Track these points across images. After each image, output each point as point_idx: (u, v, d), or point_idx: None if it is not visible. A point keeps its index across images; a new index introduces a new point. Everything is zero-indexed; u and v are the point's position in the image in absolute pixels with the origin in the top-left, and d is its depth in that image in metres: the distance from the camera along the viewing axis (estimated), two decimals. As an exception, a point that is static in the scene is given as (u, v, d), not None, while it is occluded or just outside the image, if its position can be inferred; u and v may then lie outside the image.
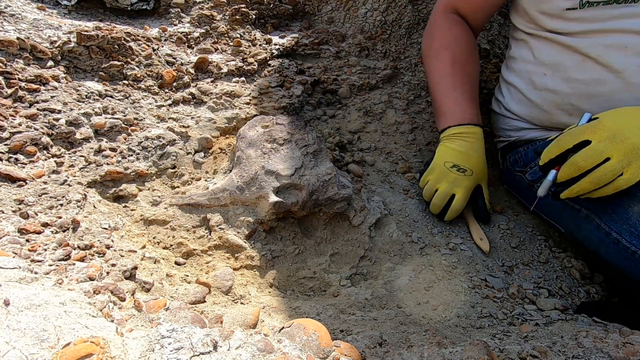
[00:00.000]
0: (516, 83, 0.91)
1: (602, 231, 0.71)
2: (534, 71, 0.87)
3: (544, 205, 0.88)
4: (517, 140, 0.95)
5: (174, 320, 0.51)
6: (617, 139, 0.64)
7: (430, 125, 1.08)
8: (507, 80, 0.95)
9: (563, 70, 0.81)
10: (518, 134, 0.95)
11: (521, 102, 0.91)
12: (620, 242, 0.67)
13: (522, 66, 0.90)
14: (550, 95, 0.83)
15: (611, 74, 0.75)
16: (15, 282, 0.46)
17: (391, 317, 0.67)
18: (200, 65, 1.00)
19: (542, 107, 0.86)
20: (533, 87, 0.87)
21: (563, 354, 0.50)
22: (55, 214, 0.64)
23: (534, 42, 0.87)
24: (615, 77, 0.75)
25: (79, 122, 0.78)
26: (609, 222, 0.70)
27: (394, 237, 0.82)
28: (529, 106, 0.89)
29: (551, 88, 0.83)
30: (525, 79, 0.89)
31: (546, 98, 0.85)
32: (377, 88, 1.14)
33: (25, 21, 0.87)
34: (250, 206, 0.78)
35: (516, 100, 0.92)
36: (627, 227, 0.67)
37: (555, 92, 0.83)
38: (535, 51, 0.87)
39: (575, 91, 0.80)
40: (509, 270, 0.81)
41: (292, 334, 0.47)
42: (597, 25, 0.76)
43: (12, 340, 0.37)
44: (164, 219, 0.76)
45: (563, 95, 0.82)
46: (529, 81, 0.88)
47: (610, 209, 0.70)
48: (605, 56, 0.75)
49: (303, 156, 0.82)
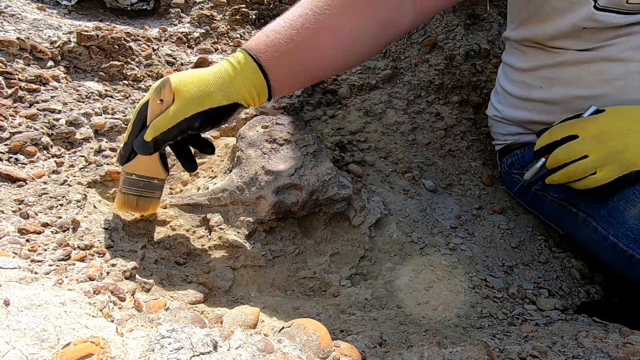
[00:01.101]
0: (511, 91, 0.91)
1: (600, 234, 0.72)
2: (530, 83, 0.85)
3: (542, 207, 0.89)
4: (513, 143, 0.96)
5: (174, 320, 0.51)
6: (600, 139, 0.66)
7: (430, 125, 1.08)
8: (502, 86, 0.94)
9: (560, 84, 0.80)
10: (514, 138, 0.95)
11: (517, 108, 0.90)
12: (618, 245, 0.68)
13: (518, 76, 0.89)
14: (547, 107, 0.83)
15: (611, 89, 0.73)
16: (15, 282, 0.46)
17: (391, 317, 0.67)
18: (201, 65, 1.00)
19: (537, 116, 0.86)
20: (529, 98, 0.86)
21: (563, 354, 0.50)
22: (55, 214, 0.64)
23: (531, 53, 0.85)
24: (615, 92, 0.72)
25: (79, 122, 0.78)
26: (605, 225, 0.70)
27: (394, 237, 0.82)
28: (524, 113, 0.89)
29: (547, 100, 0.83)
30: (520, 89, 0.88)
31: (543, 109, 0.84)
32: (377, 88, 1.14)
33: (25, 21, 0.87)
34: (250, 206, 0.78)
35: (512, 106, 0.92)
36: (624, 230, 0.67)
37: (551, 104, 0.82)
38: (532, 63, 0.84)
39: (573, 105, 0.78)
40: (509, 270, 0.81)
41: (292, 334, 0.47)
42: (599, 54, 0.73)
43: (12, 340, 0.37)
44: (163, 219, 0.76)
45: (559, 107, 0.81)
46: (524, 92, 0.87)
47: (607, 213, 0.70)
48: (605, 72, 0.72)
49: (303, 156, 0.82)
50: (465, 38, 1.19)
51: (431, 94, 1.15)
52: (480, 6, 1.23)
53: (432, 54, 1.18)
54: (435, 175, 0.99)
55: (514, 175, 0.94)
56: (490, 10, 1.26)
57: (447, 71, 1.16)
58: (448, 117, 1.10)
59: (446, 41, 1.18)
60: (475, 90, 1.15)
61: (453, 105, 1.12)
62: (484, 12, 1.26)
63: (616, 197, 0.68)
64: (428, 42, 1.17)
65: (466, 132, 1.09)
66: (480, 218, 0.92)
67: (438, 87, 1.15)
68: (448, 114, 1.10)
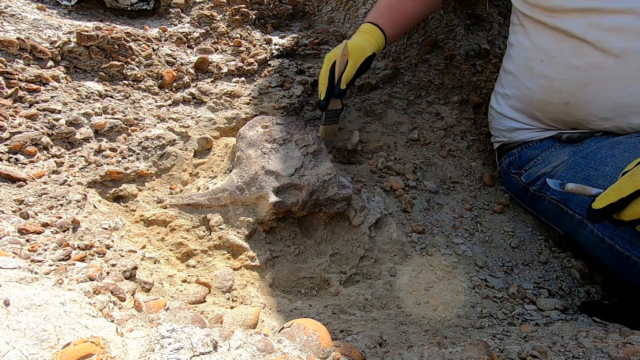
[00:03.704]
0: (513, 70, 0.91)
1: (596, 236, 0.72)
2: (531, 57, 0.86)
3: (542, 208, 0.89)
4: (510, 141, 0.96)
5: (174, 321, 0.51)
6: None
7: (430, 125, 1.08)
8: (505, 69, 0.95)
9: (560, 56, 0.80)
10: (511, 135, 0.95)
11: (519, 89, 0.90)
12: (615, 247, 0.68)
13: (520, 52, 0.90)
14: (547, 83, 0.83)
15: (610, 58, 0.74)
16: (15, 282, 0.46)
17: (391, 317, 0.67)
18: (200, 65, 1.00)
19: (538, 94, 0.85)
20: (530, 74, 0.87)
21: (563, 354, 0.50)
22: (55, 214, 0.64)
23: (531, 27, 0.86)
24: (614, 63, 0.74)
25: (79, 122, 0.78)
26: (601, 228, 0.71)
27: (394, 237, 0.82)
28: (526, 94, 0.88)
29: (548, 75, 0.82)
30: (522, 65, 0.89)
31: (543, 85, 0.84)
32: (377, 88, 1.14)
33: (25, 21, 0.87)
34: (250, 206, 0.78)
35: (513, 88, 0.92)
36: (619, 232, 0.67)
37: (551, 79, 0.82)
38: (533, 37, 0.86)
39: (571, 77, 0.79)
40: (509, 270, 0.81)
41: (292, 334, 0.47)
42: (594, 3, 0.74)
43: (12, 340, 0.37)
44: (164, 219, 0.76)
45: (559, 82, 0.81)
46: (526, 68, 0.88)
47: None
48: (604, 41, 0.74)
49: (303, 156, 0.82)
50: (465, 38, 1.19)
51: (431, 94, 1.15)
52: (480, 6, 1.23)
53: (432, 54, 1.18)
54: (436, 175, 0.99)
55: (512, 175, 0.94)
56: (490, 10, 1.26)
57: (447, 71, 1.16)
58: (448, 117, 1.10)
59: (446, 41, 1.18)
60: (475, 90, 1.15)
61: (453, 105, 1.12)
62: (484, 12, 1.26)
63: None
64: (428, 42, 1.17)
65: (466, 132, 1.09)
66: (481, 218, 0.92)
67: (438, 87, 1.15)
68: (448, 114, 1.10)
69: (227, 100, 0.97)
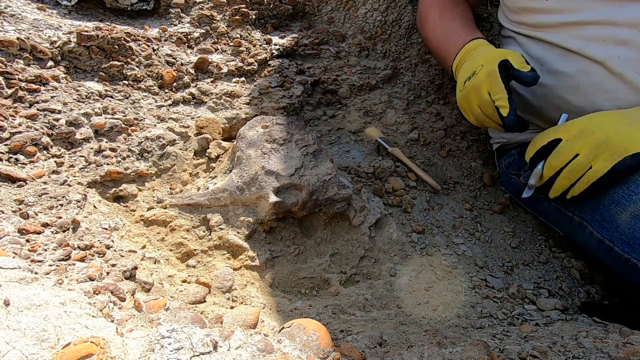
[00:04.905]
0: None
1: (595, 238, 0.72)
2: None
3: (541, 209, 0.89)
4: (509, 142, 0.96)
5: (174, 321, 0.51)
6: (583, 135, 0.68)
7: (430, 125, 1.08)
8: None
9: (549, 64, 0.82)
10: (509, 136, 0.95)
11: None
12: (614, 249, 0.68)
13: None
14: (539, 90, 0.84)
15: (594, 64, 0.76)
16: (15, 282, 0.46)
17: (391, 317, 0.67)
18: (200, 65, 1.00)
19: (531, 102, 0.87)
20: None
21: (563, 354, 0.50)
22: (55, 214, 0.64)
23: (520, 38, 0.89)
24: (598, 68, 0.76)
25: (79, 122, 0.78)
26: (600, 230, 0.71)
27: (394, 237, 0.82)
28: (520, 100, 0.89)
29: (539, 82, 0.84)
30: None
31: (535, 92, 0.85)
32: (377, 88, 1.14)
33: (25, 21, 0.87)
34: (250, 206, 0.78)
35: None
36: (618, 234, 0.67)
37: (543, 86, 0.83)
38: (523, 46, 0.88)
39: (561, 84, 0.80)
40: (509, 270, 0.81)
41: (292, 334, 0.47)
42: (574, 17, 0.77)
43: (12, 340, 0.37)
44: (164, 219, 0.76)
45: (550, 89, 0.82)
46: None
47: (600, 217, 0.71)
48: (586, 50, 0.76)
49: (303, 156, 0.82)
50: (465, 38, 1.19)
51: (431, 94, 1.15)
52: (480, 6, 1.23)
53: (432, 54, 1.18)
54: (436, 175, 0.99)
55: (511, 176, 0.94)
56: (490, 10, 1.26)
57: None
58: (448, 117, 1.10)
59: (446, 41, 1.18)
60: (475, 90, 1.15)
61: (453, 105, 1.12)
62: (484, 12, 1.26)
63: (607, 201, 0.69)
64: (428, 42, 1.17)
65: (466, 132, 1.09)
66: (481, 218, 0.92)
67: (438, 87, 1.15)
68: (448, 114, 1.10)
69: (227, 101, 0.97)
